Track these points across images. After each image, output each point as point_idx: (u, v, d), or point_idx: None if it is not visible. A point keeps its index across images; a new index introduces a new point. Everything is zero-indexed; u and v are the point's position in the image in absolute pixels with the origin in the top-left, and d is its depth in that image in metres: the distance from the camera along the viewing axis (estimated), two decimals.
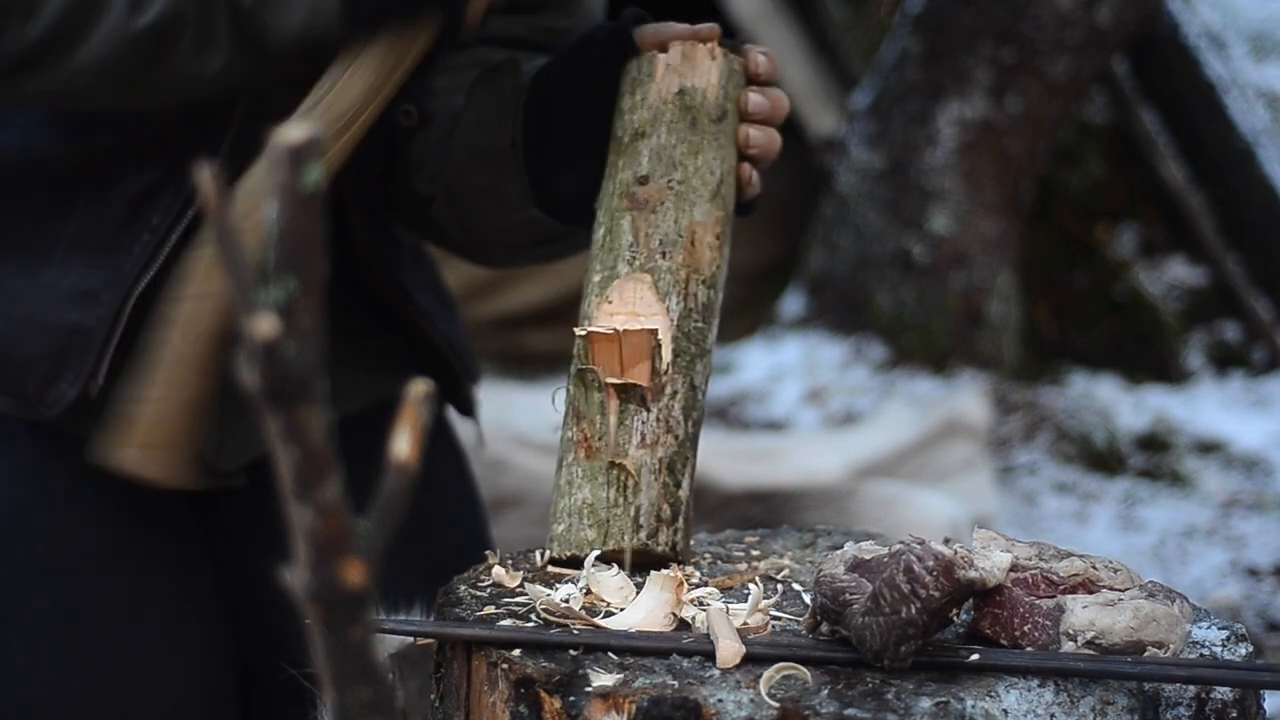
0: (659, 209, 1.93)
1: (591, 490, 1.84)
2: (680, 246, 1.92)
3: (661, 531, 1.83)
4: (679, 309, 1.90)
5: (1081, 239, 5.65)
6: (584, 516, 1.84)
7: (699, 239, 1.93)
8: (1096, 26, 5.13)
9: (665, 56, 1.97)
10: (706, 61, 1.97)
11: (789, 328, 5.37)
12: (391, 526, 1.11)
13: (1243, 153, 5.57)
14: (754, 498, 3.87)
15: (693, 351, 1.90)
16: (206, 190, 1.06)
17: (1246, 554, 4.42)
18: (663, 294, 1.90)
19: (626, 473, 1.84)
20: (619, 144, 1.98)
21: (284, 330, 1.05)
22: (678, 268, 1.91)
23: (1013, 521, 4.42)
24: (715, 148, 1.96)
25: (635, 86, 1.99)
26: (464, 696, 1.66)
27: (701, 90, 1.97)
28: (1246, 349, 5.59)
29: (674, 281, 1.90)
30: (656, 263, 1.91)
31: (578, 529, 1.83)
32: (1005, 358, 5.36)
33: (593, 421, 1.86)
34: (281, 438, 1.07)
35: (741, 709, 1.51)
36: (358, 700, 1.13)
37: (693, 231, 1.93)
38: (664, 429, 1.87)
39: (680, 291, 1.90)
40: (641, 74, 1.98)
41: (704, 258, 1.93)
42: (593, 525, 1.83)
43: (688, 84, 1.97)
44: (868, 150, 5.39)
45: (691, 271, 1.92)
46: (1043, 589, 1.63)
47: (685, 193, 1.94)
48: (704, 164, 1.96)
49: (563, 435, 1.88)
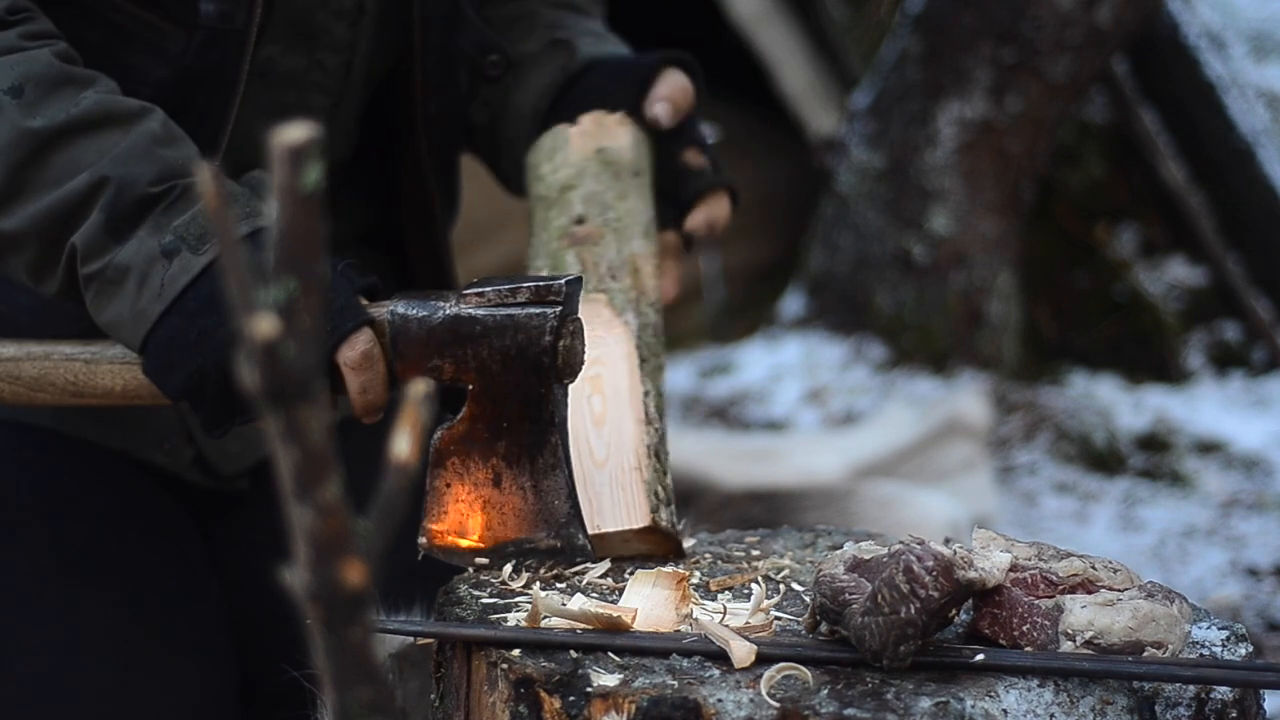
0: (600, 242, 2.03)
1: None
2: (626, 271, 2.02)
3: (661, 510, 1.87)
4: (636, 323, 1.98)
5: (1081, 239, 5.64)
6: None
7: (640, 267, 2.03)
8: (1096, 26, 5.13)
9: (577, 127, 2.15)
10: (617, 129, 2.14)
11: (789, 328, 5.37)
12: (391, 526, 1.11)
13: (1243, 153, 5.57)
14: (754, 498, 3.87)
15: (653, 362, 1.98)
16: (207, 190, 1.06)
17: (1246, 554, 4.41)
18: (619, 310, 1.98)
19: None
20: (545, 202, 2.10)
21: (284, 330, 1.05)
22: (628, 289, 2.00)
23: (1013, 521, 4.42)
24: (639, 196, 2.10)
25: (552, 154, 2.14)
26: (464, 696, 1.66)
27: (617, 149, 2.12)
28: (1246, 349, 5.59)
29: (626, 300, 1.99)
30: (608, 284, 2.00)
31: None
32: (1005, 358, 5.35)
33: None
34: (281, 438, 1.07)
35: (741, 709, 1.51)
36: (358, 700, 1.13)
37: (634, 259, 2.03)
38: (645, 421, 1.93)
39: (634, 309, 1.99)
40: (558, 142, 2.15)
41: (648, 284, 2.03)
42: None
43: (604, 144, 2.12)
44: (868, 150, 5.39)
45: (640, 294, 2.01)
46: (1042, 589, 1.63)
47: (621, 229, 2.05)
48: (632, 206, 2.08)
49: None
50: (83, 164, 1.86)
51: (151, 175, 1.85)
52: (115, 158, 1.85)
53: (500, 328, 1.80)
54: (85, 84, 1.90)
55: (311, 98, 2.13)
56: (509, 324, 1.80)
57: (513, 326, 1.80)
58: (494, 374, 1.80)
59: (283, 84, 2.10)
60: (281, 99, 2.10)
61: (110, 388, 1.93)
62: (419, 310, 1.83)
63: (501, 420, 1.82)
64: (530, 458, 1.83)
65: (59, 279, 1.89)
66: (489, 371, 1.80)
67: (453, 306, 1.82)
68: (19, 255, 1.89)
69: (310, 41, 2.10)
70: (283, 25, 2.07)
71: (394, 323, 1.83)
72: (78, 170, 1.86)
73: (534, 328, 1.80)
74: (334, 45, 2.12)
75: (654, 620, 1.68)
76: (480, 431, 1.83)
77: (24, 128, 1.86)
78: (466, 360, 1.81)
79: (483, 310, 1.81)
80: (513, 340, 1.80)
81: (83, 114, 1.87)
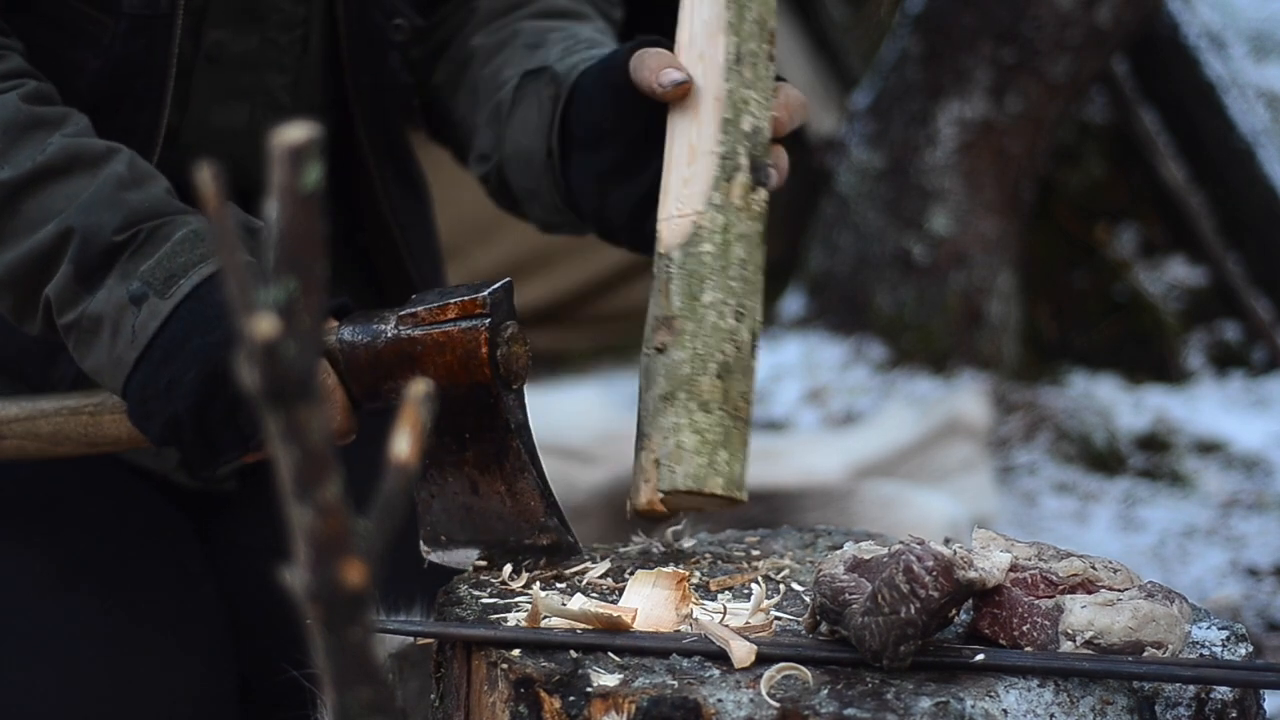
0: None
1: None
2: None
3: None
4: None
5: (1081, 239, 5.64)
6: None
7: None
8: (1096, 26, 5.13)
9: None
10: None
11: (789, 328, 5.37)
12: (391, 526, 1.11)
13: (1243, 153, 5.56)
14: (754, 498, 3.86)
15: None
16: (206, 189, 1.06)
17: (1246, 554, 4.41)
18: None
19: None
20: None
21: (284, 330, 1.05)
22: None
23: (1013, 521, 4.42)
24: None
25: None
26: (464, 696, 1.66)
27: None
28: (1246, 349, 5.59)
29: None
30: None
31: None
32: (1005, 358, 5.35)
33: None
34: (281, 438, 1.07)
35: (741, 709, 1.51)
36: (358, 700, 1.13)
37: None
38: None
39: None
40: None
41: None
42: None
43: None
44: (868, 150, 5.38)
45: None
46: (1042, 589, 1.63)
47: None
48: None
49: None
50: (52, 212, 1.86)
51: (116, 223, 1.85)
52: (81, 206, 1.86)
53: (438, 345, 1.82)
54: (53, 126, 1.90)
55: (269, 78, 2.11)
56: (445, 341, 1.82)
57: (449, 343, 1.82)
58: (444, 390, 1.82)
59: (235, 67, 2.08)
60: (236, 82, 2.09)
61: (118, 436, 1.96)
62: (363, 336, 1.85)
63: (463, 432, 1.84)
64: (499, 464, 1.85)
65: (39, 325, 1.91)
66: (440, 388, 1.82)
67: (392, 329, 1.84)
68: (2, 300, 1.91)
69: (260, 22, 2.08)
70: (228, 7, 2.05)
71: (343, 350, 1.85)
72: (47, 219, 1.86)
73: (469, 342, 1.82)
74: (285, 23, 2.09)
75: (654, 620, 1.68)
76: (448, 444, 1.85)
77: None
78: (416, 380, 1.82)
79: (419, 330, 1.83)
80: (452, 356, 1.82)
81: (49, 160, 1.87)
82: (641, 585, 1.75)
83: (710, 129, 1.91)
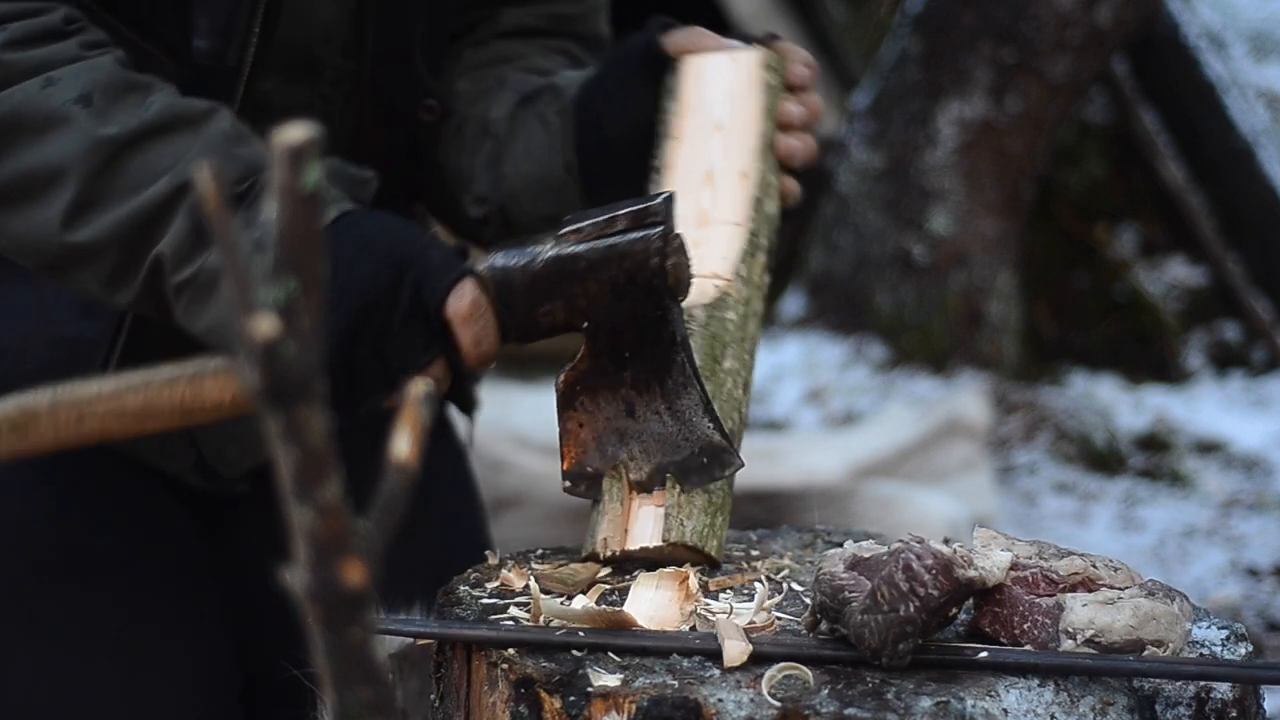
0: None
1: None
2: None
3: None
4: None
5: (1081, 239, 5.65)
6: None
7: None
8: (1096, 26, 5.13)
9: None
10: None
11: (789, 328, 5.37)
12: (391, 526, 1.11)
13: (1243, 153, 5.57)
14: (754, 498, 3.86)
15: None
16: (206, 192, 1.06)
17: (1246, 554, 4.42)
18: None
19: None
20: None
21: (284, 330, 1.05)
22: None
23: (1013, 521, 4.43)
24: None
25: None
26: (464, 696, 1.66)
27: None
28: (1246, 349, 5.59)
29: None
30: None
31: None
32: (1005, 358, 5.36)
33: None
34: (281, 438, 1.07)
35: (742, 709, 1.51)
36: (358, 700, 1.13)
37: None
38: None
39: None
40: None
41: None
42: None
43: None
44: (868, 150, 5.39)
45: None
46: (1042, 587, 1.63)
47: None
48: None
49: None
50: (159, 169, 1.83)
51: (234, 174, 1.83)
52: (192, 161, 1.83)
53: (605, 259, 1.76)
54: (148, 88, 1.88)
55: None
56: (613, 254, 1.76)
57: (618, 255, 1.76)
58: (607, 307, 1.77)
59: (279, 118, 2.07)
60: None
61: (221, 400, 1.91)
62: (517, 259, 1.79)
63: (622, 350, 1.79)
64: (659, 381, 1.80)
65: (135, 289, 1.86)
66: (601, 306, 1.77)
67: (551, 249, 1.78)
68: (94, 266, 1.86)
69: (313, 76, 2.07)
70: (279, 59, 2.04)
71: (495, 276, 1.79)
72: (155, 176, 1.83)
73: (639, 252, 1.76)
74: (336, 78, 2.09)
75: (658, 621, 1.68)
76: (603, 365, 1.80)
77: (98, 136, 1.83)
78: (577, 299, 1.78)
79: (584, 246, 1.77)
80: (620, 269, 1.76)
81: (154, 118, 1.85)
82: (645, 587, 1.75)
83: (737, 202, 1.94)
